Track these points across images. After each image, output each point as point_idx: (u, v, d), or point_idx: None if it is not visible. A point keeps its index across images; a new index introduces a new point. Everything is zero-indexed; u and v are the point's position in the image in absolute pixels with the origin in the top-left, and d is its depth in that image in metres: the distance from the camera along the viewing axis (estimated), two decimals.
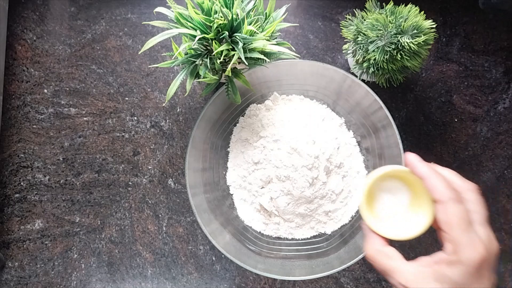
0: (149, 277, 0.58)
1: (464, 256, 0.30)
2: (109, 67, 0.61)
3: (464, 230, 0.30)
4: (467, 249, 0.30)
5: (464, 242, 0.30)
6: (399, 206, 0.37)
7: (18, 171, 0.59)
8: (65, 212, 0.59)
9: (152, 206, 0.59)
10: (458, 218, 0.30)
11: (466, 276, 0.30)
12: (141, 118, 0.60)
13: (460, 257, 0.30)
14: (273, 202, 0.52)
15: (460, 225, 0.30)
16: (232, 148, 0.56)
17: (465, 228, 0.30)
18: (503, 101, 0.58)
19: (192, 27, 0.43)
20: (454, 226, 0.30)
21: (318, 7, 0.61)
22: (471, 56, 0.59)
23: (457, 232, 0.30)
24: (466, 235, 0.30)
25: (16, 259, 0.58)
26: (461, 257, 0.30)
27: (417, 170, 0.34)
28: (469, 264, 0.30)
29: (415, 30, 0.44)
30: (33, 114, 0.60)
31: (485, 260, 0.30)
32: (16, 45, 0.61)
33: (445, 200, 0.31)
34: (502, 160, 0.57)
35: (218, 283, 0.57)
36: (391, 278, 0.32)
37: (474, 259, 0.29)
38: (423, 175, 0.33)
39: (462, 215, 0.31)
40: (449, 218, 0.31)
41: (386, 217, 0.37)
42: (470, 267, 0.30)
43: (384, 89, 0.56)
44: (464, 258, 0.30)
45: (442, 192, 0.31)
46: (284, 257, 0.52)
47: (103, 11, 0.61)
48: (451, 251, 0.30)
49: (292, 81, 0.54)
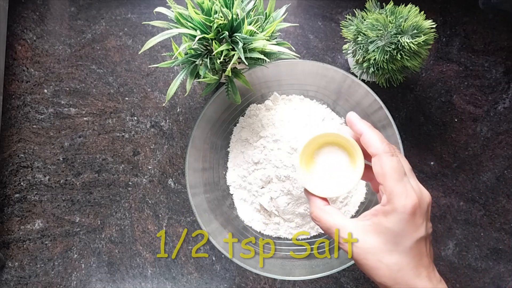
0: (149, 277, 0.58)
1: (398, 204, 0.31)
2: (109, 67, 0.61)
3: (397, 180, 0.32)
4: (400, 198, 0.31)
5: (398, 191, 0.32)
6: (336, 168, 0.40)
7: (18, 171, 0.59)
8: (65, 212, 0.59)
9: (152, 206, 0.59)
10: (391, 169, 0.32)
11: (401, 223, 0.32)
12: (141, 118, 0.60)
13: (394, 205, 0.32)
14: (273, 202, 0.52)
15: (393, 175, 0.32)
16: (232, 148, 0.56)
17: (398, 178, 0.32)
18: (503, 101, 0.58)
19: (192, 27, 0.43)
20: (387, 176, 0.32)
21: (318, 7, 0.61)
22: (471, 56, 0.59)
23: (390, 182, 0.32)
24: (400, 184, 0.32)
25: (16, 259, 0.58)
26: (395, 206, 0.32)
27: (356, 127, 0.36)
28: (403, 211, 0.31)
29: (415, 30, 0.44)
30: (33, 114, 0.60)
31: (418, 207, 0.32)
32: (16, 45, 0.61)
33: (379, 153, 0.33)
34: (502, 160, 0.57)
35: (218, 283, 0.57)
36: (334, 235, 0.34)
37: (408, 206, 0.31)
38: (362, 130, 0.35)
39: (395, 166, 0.32)
40: (383, 169, 0.33)
41: (325, 179, 0.40)
42: (404, 214, 0.31)
43: (384, 89, 0.56)
44: (398, 206, 0.31)
45: (377, 146, 0.34)
46: (284, 257, 0.52)
47: (103, 11, 0.61)
48: (386, 201, 0.32)
49: (292, 81, 0.54)
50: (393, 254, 0.32)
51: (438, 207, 0.57)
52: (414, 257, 0.32)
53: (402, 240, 0.32)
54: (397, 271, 0.32)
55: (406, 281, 0.32)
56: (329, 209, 0.36)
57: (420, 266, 0.32)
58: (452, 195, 0.57)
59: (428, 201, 0.33)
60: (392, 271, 0.32)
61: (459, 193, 0.57)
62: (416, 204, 0.32)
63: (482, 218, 0.57)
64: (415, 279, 0.32)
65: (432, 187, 0.57)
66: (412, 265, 0.32)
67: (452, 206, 0.57)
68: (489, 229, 0.57)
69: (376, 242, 0.32)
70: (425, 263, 0.33)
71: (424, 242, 0.33)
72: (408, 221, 0.32)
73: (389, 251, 0.32)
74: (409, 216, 0.31)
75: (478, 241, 0.57)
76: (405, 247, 0.32)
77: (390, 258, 0.32)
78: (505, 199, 0.57)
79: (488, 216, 0.57)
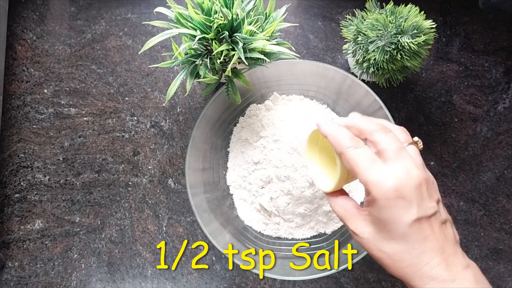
0: (149, 277, 0.58)
1: (376, 193, 0.31)
2: (109, 67, 0.61)
3: (367, 170, 0.31)
4: (376, 186, 0.31)
5: (371, 180, 0.31)
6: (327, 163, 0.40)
7: (18, 171, 0.59)
8: (65, 212, 0.59)
9: (152, 206, 0.59)
10: (357, 162, 0.32)
11: (386, 210, 0.31)
12: (141, 118, 0.60)
13: (373, 195, 0.31)
14: (273, 202, 0.52)
15: (361, 167, 0.31)
16: (232, 148, 0.56)
17: (367, 168, 0.31)
18: (503, 101, 0.58)
19: (192, 27, 0.43)
20: (357, 170, 0.32)
21: (318, 7, 0.61)
22: (471, 56, 0.59)
23: (361, 175, 0.31)
24: (371, 173, 0.31)
25: (16, 259, 0.58)
26: (373, 195, 0.31)
27: (321, 131, 0.35)
28: (383, 198, 0.30)
29: (415, 30, 0.44)
30: (33, 114, 0.60)
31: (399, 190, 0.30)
32: (16, 45, 0.61)
33: (343, 150, 0.33)
34: (502, 160, 0.57)
35: (218, 283, 0.57)
36: (346, 226, 0.35)
37: (386, 192, 0.30)
38: (325, 134, 0.35)
39: (360, 157, 0.32)
40: (351, 165, 0.32)
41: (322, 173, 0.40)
42: (385, 201, 0.30)
43: (384, 89, 0.56)
44: (375, 195, 0.31)
45: (339, 145, 0.33)
46: (284, 257, 0.52)
47: (103, 11, 0.61)
48: (366, 192, 0.32)
49: (292, 81, 0.54)
50: (390, 242, 0.31)
51: None
52: (413, 242, 0.30)
53: (394, 227, 0.31)
54: (401, 261, 0.31)
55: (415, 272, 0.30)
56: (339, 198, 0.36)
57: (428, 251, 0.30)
58: (452, 195, 0.57)
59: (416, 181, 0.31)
60: (395, 261, 0.31)
61: (459, 193, 0.57)
62: (395, 188, 0.30)
63: (482, 218, 0.57)
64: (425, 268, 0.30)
65: None
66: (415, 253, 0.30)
67: (452, 206, 0.57)
68: (489, 229, 0.57)
69: (373, 231, 0.32)
70: (434, 247, 0.30)
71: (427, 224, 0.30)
72: (392, 207, 0.30)
73: (386, 240, 0.31)
74: (391, 202, 0.30)
75: (478, 241, 0.57)
76: (399, 234, 0.30)
77: (388, 246, 0.31)
78: (505, 199, 0.57)
79: (488, 216, 0.57)
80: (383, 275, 0.56)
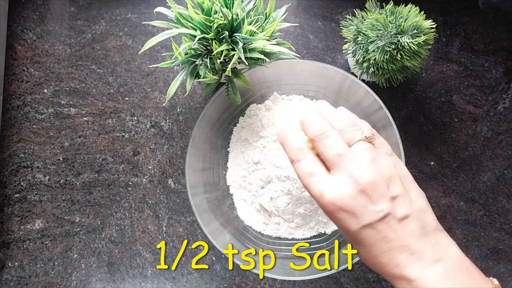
0: (149, 277, 0.58)
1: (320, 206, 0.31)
2: (109, 67, 0.61)
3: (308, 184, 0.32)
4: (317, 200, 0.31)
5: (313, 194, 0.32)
6: None
7: (18, 171, 0.59)
8: (65, 212, 0.59)
9: (152, 206, 0.59)
10: (300, 175, 0.33)
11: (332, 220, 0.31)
12: (141, 118, 0.60)
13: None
14: (273, 202, 0.52)
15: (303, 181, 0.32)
16: (232, 148, 0.56)
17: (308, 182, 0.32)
18: (503, 101, 0.58)
19: (192, 27, 0.43)
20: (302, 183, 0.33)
21: (318, 7, 0.61)
22: (471, 56, 0.59)
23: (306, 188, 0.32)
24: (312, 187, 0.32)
25: (16, 259, 0.58)
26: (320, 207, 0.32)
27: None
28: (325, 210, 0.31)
29: (415, 30, 0.44)
30: (33, 114, 0.60)
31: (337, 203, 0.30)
32: (16, 45, 0.61)
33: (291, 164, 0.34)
34: (502, 160, 0.57)
35: (218, 283, 0.57)
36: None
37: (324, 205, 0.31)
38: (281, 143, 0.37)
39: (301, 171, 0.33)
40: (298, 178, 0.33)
41: None
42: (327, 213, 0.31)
43: (384, 89, 0.56)
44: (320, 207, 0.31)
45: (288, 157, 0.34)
46: (284, 257, 0.52)
47: (103, 11, 0.61)
48: None
49: (292, 81, 0.54)
50: (353, 244, 0.32)
51: (438, 207, 0.57)
52: (369, 246, 0.30)
53: (345, 235, 0.31)
54: (365, 261, 0.31)
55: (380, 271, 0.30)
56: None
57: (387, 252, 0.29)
58: (452, 195, 0.57)
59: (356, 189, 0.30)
60: (363, 259, 0.31)
61: (459, 193, 0.57)
62: (333, 202, 0.30)
63: (482, 218, 0.57)
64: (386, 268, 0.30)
65: (432, 187, 0.57)
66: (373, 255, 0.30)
67: (452, 206, 0.57)
68: (489, 229, 0.57)
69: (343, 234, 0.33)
70: (394, 246, 0.29)
71: (380, 226, 0.29)
72: (337, 218, 0.30)
73: (353, 245, 0.32)
74: (333, 214, 0.30)
75: (478, 241, 0.57)
76: (352, 239, 0.31)
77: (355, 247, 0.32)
78: (505, 199, 0.57)
79: (488, 216, 0.57)
80: None
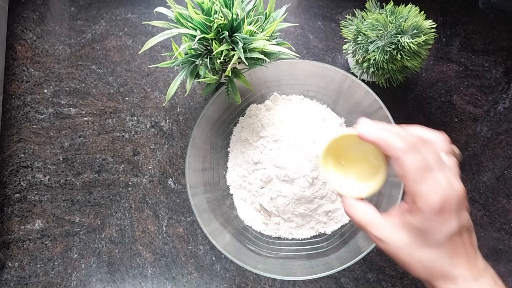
0: (149, 277, 0.58)
1: (422, 205, 0.31)
2: (109, 67, 0.61)
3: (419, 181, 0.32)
4: (424, 198, 0.31)
5: (420, 192, 0.31)
6: (361, 168, 0.39)
7: (18, 171, 0.59)
8: (65, 212, 0.59)
9: (152, 206, 0.59)
10: (411, 170, 0.32)
11: (428, 222, 0.32)
12: (141, 118, 0.60)
13: (418, 206, 0.32)
14: (273, 202, 0.52)
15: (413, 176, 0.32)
16: (232, 148, 0.56)
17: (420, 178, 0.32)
18: (503, 101, 0.58)
19: (192, 27, 0.43)
20: (407, 178, 0.32)
21: (318, 7, 0.61)
22: (471, 56, 0.59)
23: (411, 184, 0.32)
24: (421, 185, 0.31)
25: (16, 259, 0.58)
26: (419, 206, 0.31)
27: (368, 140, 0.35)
28: (429, 211, 0.31)
29: (415, 30, 0.44)
30: (33, 114, 0.60)
31: (444, 203, 0.31)
32: (16, 45, 0.61)
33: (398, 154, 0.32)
34: (502, 160, 0.57)
35: (218, 283, 0.57)
36: (368, 232, 0.35)
37: (432, 205, 0.31)
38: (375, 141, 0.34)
39: (415, 166, 0.32)
40: (403, 171, 0.32)
41: (350, 179, 0.39)
42: (430, 214, 0.31)
43: (384, 89, 0.56)
44: (422, 206, 0.31)
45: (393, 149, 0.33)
46: (284, 257, 0.52)
47: (103, 11, 0.61)
48: (410, 201, 0.32)
49: (292, 81, 0.54)
50: (424, 249, 0.32)
51: None
52: (447, 250, 0.32)
53: (432, 236, 0.32)
54: (432, 267, 0.32)
55: (442, 272, 0.32)
56: (359, 205, 0.36)
57: (456, 257, 0.32)
58: None
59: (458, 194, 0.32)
60: (426, 266, 0.32)
61: None
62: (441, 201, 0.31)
63: (482, 218, 0.57)
64: (451, 269, 0.32)
65: None
66: (446, 260, 0.32)
67: None
68: (489, 229, 0.57)
69: (406, 238, 0.33)
70: (463, 254, 0.33)
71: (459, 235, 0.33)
72: (435, 219, 0.32)
73: (419, 247, 0.32)
74: (435, 215, 0.31)
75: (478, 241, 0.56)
76: (435, 243, 0.32)
77: (421, 253, 0.32)
78: (505, 199, 0.57)
79: (488, 216, 0.57)
80: (383, 275, 0.56)
